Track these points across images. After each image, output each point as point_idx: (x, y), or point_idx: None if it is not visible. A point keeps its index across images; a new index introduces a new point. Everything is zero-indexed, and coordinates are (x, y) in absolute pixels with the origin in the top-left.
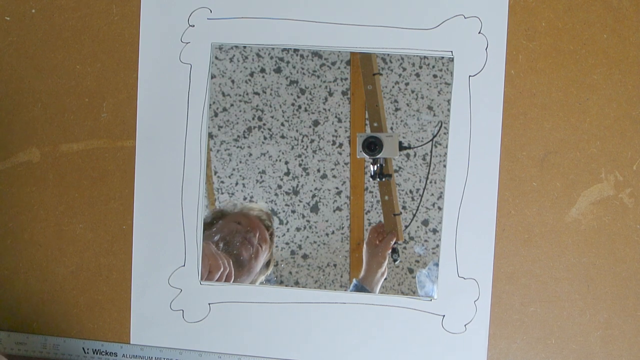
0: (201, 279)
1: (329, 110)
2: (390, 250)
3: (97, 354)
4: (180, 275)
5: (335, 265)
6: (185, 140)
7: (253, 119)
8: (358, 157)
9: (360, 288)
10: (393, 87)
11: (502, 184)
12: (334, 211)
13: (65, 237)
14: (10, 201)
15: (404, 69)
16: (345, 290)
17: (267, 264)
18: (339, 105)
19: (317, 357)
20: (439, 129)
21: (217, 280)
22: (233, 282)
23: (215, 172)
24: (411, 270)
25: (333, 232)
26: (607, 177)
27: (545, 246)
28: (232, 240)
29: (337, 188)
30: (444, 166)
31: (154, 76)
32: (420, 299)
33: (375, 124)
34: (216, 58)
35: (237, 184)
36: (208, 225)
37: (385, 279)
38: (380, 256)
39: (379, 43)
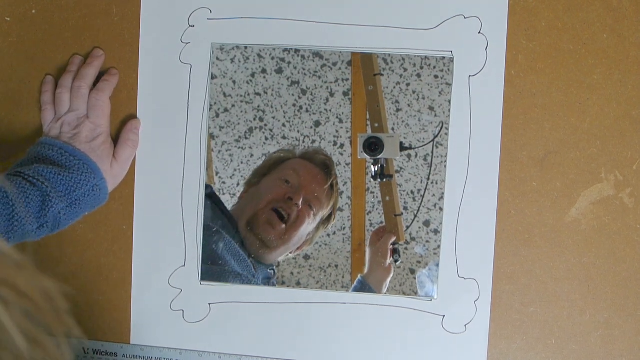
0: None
1: (330, 110)
2: (390, 244)
3: (97, 354)
4: (181, 275)
5: (336, 266)
6: (185, 141)
7: (254, 119)
8: (359, 157)
9: (363, 284)
10: (394, 87)
11: (502, 184)
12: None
13: (65, 237)
14: None
15: (405, 70)
16: (347, 291)
17: (328, 218)
18: (340, 105)
19: (317, 357)
20: (440, 130)
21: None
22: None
23: (217, 173)
24: (413, 271)
25: (334, 233)
26: (607, 177)
27: (545, 246)
28: (257, 221)
29: (338, 188)
30: (445, 167)
31: (154, 76)
32: (420, 299)
33: (377, 125)
34: (217, 59)
35: (238, 184)
36: (258, 175)
37: (392, 276)
38: (382, 250)
39: (380, 43)
